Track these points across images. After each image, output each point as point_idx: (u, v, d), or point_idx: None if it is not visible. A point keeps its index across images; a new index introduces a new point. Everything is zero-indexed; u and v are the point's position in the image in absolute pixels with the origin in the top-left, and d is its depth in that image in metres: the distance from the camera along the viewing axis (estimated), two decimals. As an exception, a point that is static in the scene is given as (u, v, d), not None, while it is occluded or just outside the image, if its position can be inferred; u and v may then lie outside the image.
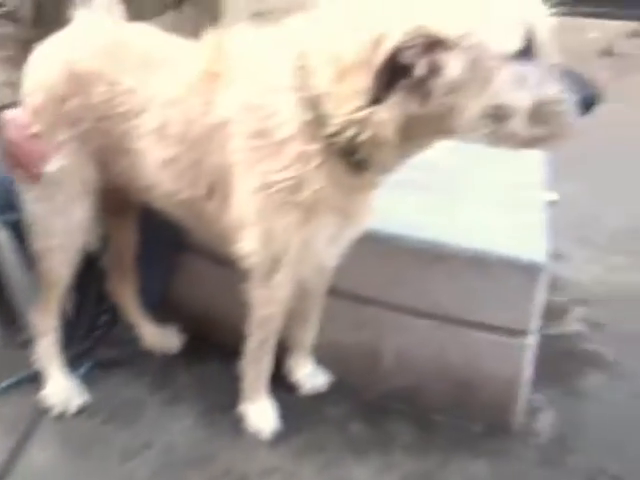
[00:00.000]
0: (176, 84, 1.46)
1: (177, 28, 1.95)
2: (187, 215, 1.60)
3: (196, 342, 2.08)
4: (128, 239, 1.93)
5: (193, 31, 1.99)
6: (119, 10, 1.90)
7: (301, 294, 1.65)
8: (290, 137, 1.29)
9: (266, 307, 1.56)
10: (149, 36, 1.59)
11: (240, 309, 1.59)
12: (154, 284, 2.07)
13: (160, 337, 2.07)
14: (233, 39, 1.43)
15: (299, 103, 1.28)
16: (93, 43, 1.56)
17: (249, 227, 1.42)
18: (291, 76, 1.29)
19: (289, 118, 1.29)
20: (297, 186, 1.32)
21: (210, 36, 1.48)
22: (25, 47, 1.70)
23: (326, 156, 1.29)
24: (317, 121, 1.26)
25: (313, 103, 1.26)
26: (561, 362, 2.15)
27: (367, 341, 1.85)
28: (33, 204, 1.67)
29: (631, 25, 5.86)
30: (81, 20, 1.63)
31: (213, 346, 2.03)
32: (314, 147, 1.28)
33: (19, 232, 1.79)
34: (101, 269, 2.00)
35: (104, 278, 2.01)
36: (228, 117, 1.37)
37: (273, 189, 1.34)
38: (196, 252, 2.02)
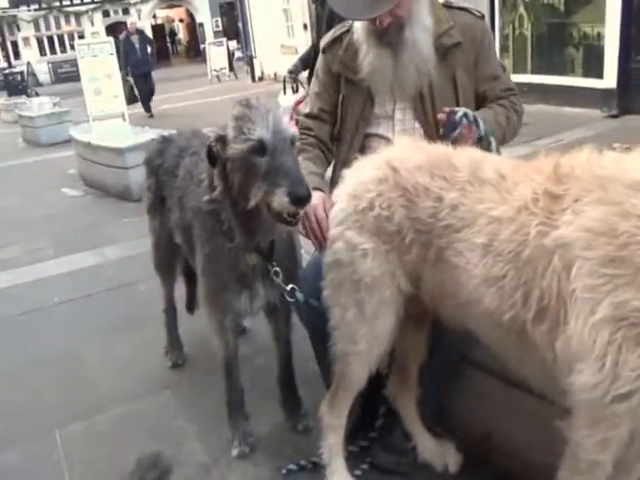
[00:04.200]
0: (505, 202, 1.42)
1: None
2: (505, 338, 1.48)
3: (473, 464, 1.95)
4: (416, 349, 1.90)
5: None
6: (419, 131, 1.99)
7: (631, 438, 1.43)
8: None
9: (596, 452, 1.36)
10: (471, 155, 1.59)
11: (526, 436, 1.41)
12: (436, 398, 2.01)
13: (439, 452, 1.98)
14: (575, 161, 1.37)
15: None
16: (418, 159, 1.60)
17: (590, 360, 1.28)
18: None
19: None
20: None
21: (545, 157, 1.44)
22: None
23: None
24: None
25: None
26: None
27: None
28: (342, 310, 1.70)
29: None
30: (403, 139, 1.71)
31: (490, 470, 1.90)
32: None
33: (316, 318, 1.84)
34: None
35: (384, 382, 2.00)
36: (572, 240, 1.28)
37: (628, 321, 1.21)
38: (483, 370, 1.92)
